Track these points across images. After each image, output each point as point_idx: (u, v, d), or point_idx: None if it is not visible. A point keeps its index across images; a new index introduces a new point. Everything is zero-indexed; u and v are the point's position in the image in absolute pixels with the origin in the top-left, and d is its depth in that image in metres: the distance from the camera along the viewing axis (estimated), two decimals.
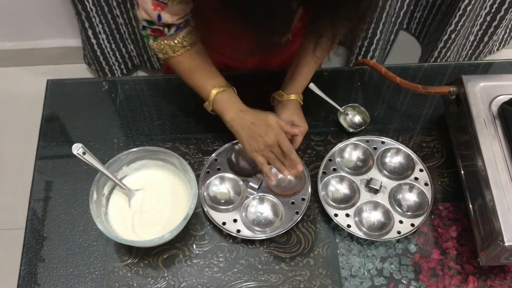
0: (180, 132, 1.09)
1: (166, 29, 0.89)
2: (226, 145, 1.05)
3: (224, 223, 0.96)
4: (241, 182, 1.01)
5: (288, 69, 1.04)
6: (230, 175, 1.02)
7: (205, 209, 0.98)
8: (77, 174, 1.04)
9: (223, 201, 1.00)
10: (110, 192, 0.97)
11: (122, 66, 1.96)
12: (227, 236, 0.97)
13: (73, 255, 0.95)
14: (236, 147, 1.05)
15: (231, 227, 0.96)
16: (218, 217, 0.97)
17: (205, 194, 0.99)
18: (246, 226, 0.96)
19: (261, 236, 0.95)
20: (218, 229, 0.98)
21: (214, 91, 0.93)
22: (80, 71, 2.07)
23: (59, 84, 1.16)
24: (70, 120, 1.12)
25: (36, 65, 2.09)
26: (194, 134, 1.09)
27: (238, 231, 0.96)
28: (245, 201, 0.99)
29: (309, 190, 1.00)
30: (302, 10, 0.85)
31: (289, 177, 1.01)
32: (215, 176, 1.01)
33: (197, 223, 0.99)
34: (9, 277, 1.12)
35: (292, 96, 1.01)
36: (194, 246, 0.97)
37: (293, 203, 0.98)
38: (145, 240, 0.92)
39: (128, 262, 0.95)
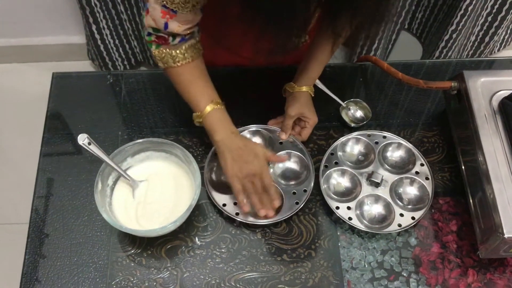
0: (183, 125, 1.10)
1: (170, 38, 0.90)
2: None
3: (224, 205, 0.98)
4: None
5: (299, 63, 1.05)
6: None
7: (207, 190, 0.99)
8: (81, 166, 1.05)
9: (226, 184, 1.00)
10: (115, 183, 0.98)
11: (125, 62, 1.97)
12: (230, 227, 0.98)
13: (77, 245, 0.96)
14: (247, 134, 1.06)
15: (230, 210, 0.97)
16: (219, 198, 0.99)
17: (209, 176, 1.01)
18: None
19: (259, 222, 0.96)
20: (221, 221, 0.99)
21: (208, 108, 0.93)
22: (83, 68, 2.07)
23: (64, 77, 1.17)
24: (75, 112, 1.12)
25: (40, 62, 2.09)
26: (197, 127, 1.09)
27: (237, 214, 0.97)
28: None
29: (312, 182, 1.00)
30: (321, 11, 0.86)
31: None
32: None
33: (200, 214, 1.00)
34: (13, 270, 1.13)
35: (304, 88, 1.03)
36: (197, 237, 0.98)
37: (294, 193, 0.99)
38: (148, 230, 0.93)
39: (131, 252, 0.96)
